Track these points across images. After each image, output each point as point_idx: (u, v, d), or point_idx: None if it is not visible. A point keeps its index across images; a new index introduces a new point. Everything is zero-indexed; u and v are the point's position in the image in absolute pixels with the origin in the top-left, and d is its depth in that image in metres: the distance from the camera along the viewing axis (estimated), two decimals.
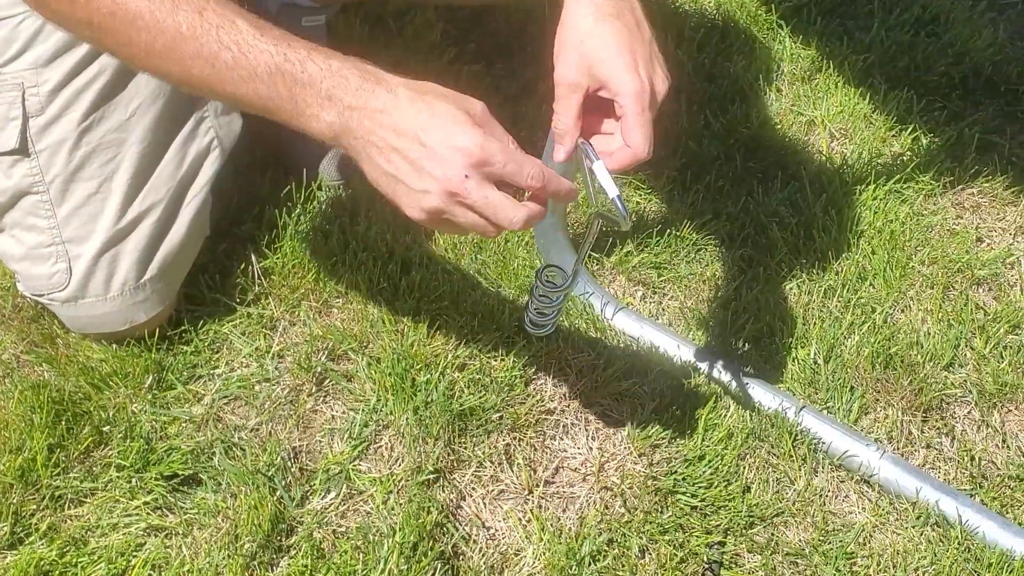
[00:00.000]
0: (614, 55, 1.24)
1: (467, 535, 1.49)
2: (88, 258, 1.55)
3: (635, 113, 1.23)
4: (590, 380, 1.67)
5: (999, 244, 2.02)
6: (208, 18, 1.17)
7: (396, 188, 1.16)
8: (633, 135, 1.23)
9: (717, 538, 1.52)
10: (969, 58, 2.38)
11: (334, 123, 1.16)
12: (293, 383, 1.64)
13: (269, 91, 1.17)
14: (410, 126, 1.14)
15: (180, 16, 1.16)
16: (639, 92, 1.23)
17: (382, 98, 1.15)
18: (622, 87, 1.23)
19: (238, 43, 1.16)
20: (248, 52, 1.16)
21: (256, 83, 1.16)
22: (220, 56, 1.16)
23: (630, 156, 1.24)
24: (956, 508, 1.57)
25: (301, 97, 1.16)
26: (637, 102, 1.23)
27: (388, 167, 1.15)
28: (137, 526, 1.46)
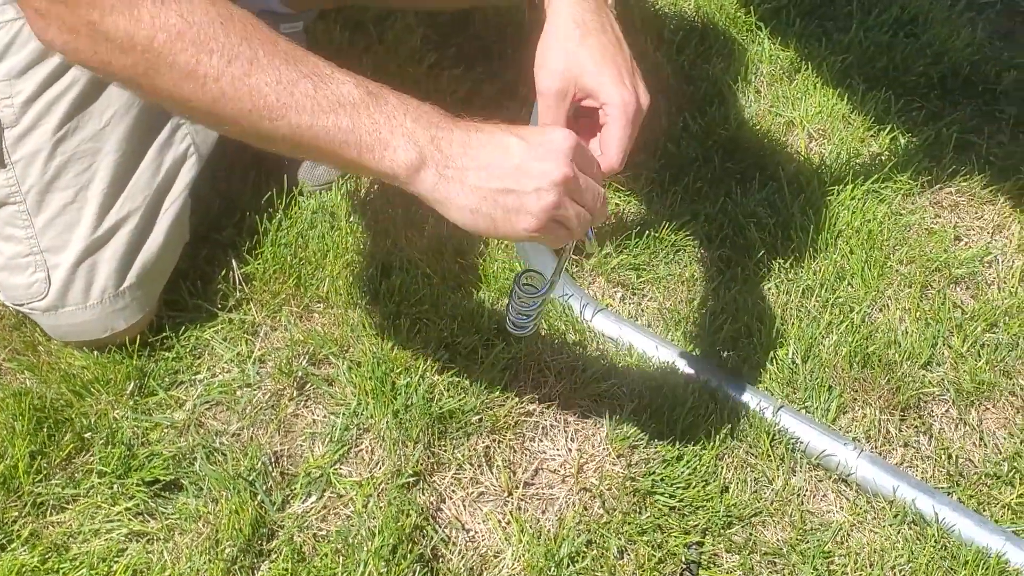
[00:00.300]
0: (602, 67, 1.25)
1: (447, 537, 1.50)
2: (66, 267, 1.56)
3: (620, 124, 1.24)
4: (569, 382, 1.68)
5: (977, 243, 2.03)
6: (282, 47, 1.11)
7: (505, 202, 1.13)
8: (611, 145, 1.24)
9: (695, 538, 1.53)
10: (947, 58, 2.39)
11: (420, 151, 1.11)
12: (274, 388, 1.65)
13: (351, 122, 1.10)
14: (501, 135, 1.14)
15: (256, 41, 1.09)
16: (627, 103, 1.24)
17: (463, 127, 1.14)
18: (611, 97, 1.24)
19: (317, 74, 1.11)
20: (329, 83, 1.10)
21: (337, 113, 1.10)
22: (299, 84, 1.09)
23: (603, 165, 1.24)
24: (933, 506, 1.58)
25: (386, 127, 1.11)
26: (624, 113, 1.24)
27: (490, 183, 1.12)
28: (119, 532, 1.46)
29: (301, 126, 1.10)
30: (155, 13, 1.06)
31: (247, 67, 1.08)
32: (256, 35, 1.09)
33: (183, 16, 1.06)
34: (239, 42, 1.08)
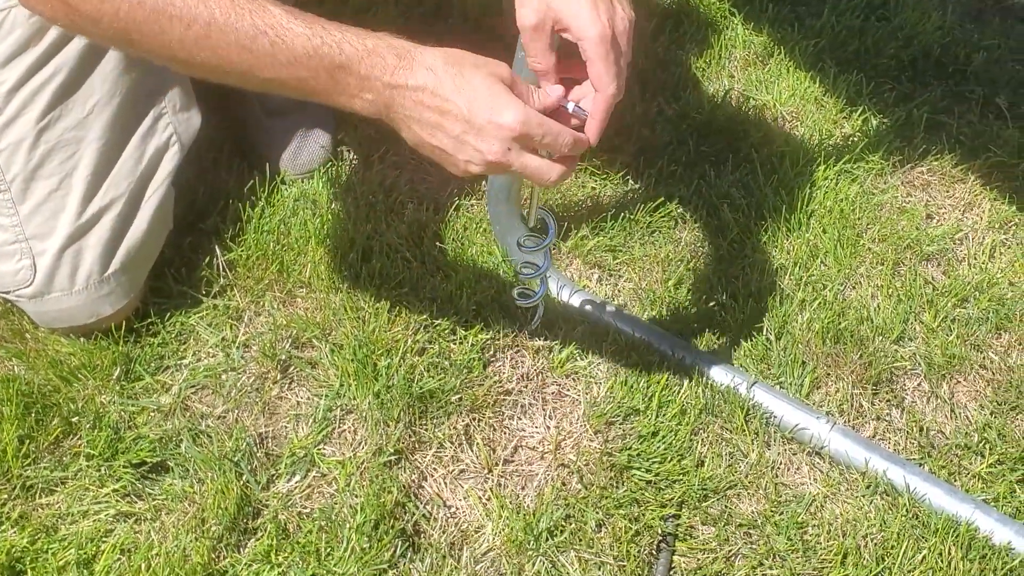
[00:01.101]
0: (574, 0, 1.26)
1: (428, 513, 1.54)
2: (52, 254, 1.58)
3: (599, 56, 1.26)
4: (547, 361, 1.71)
5: (948, 220, 2.07)
6: (240, 3, 1.18)
7: (440, 156, 1.24)
8: (601, 79, 1.27)
9: (671, 511, 1.56)
10: (918, 41, 2.42)
11: (376, 101, 1.22)
12: (259, 371, 1.67)
13: (310, 74, 1.19)
14: (452, 104, 1.20)
15: (212, 2, 1.17)
16: (601, 35, 1.25)
17: (420, 76, 1.20)
18: (584, 31, 1.26)
19: (273, 27, 1.18)
20: (285, 36, 1.18)
21: (296, 67, 1.19)
22: (258, 41, 1.18)
23: (603, 101, 1.28)
24: (904, 477, 1.61)
25: (341, 79, 1.20)
26: (600, 45, 1.26)
27: (432, 140, 1.23)
28: (106, 513, 1.49)
29: (265, 78, 1.21)
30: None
31: (205, 29, 1.17)
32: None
33: None
34: (196, 4, 1.16)
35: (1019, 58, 2.46)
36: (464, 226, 1.89)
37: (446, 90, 1.20)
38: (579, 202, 1.97)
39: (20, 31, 1.49)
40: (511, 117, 1.20)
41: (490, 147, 1.21)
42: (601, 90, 1.28)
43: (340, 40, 1.19)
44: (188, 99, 1.69)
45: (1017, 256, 2.00)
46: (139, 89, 1.61)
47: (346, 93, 1.21)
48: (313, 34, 1.18)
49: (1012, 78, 2.39)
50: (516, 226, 1.75)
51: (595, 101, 1.29)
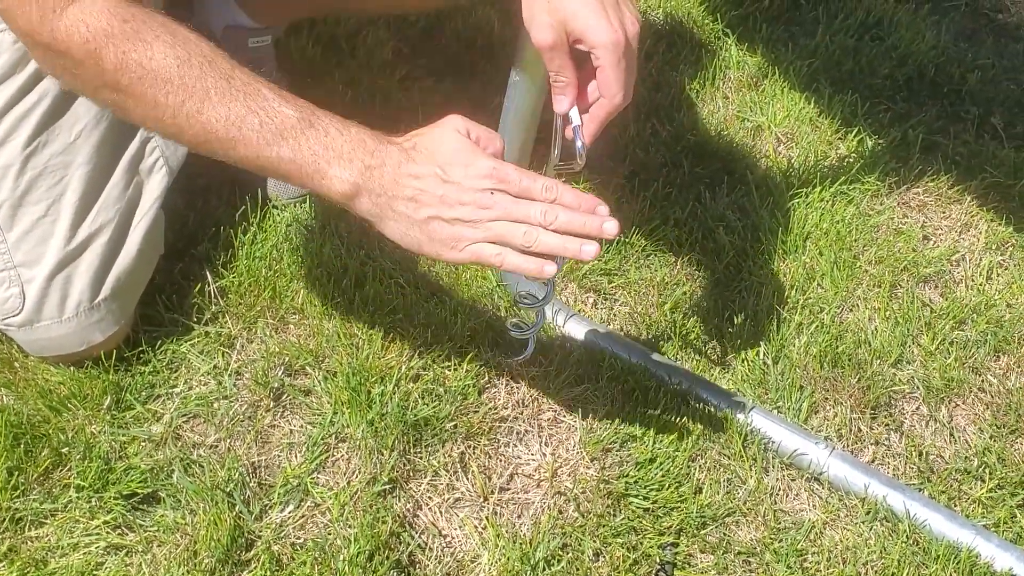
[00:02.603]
0: (584, 8, 1.27)
1: (423, 544, 1.52)
2: (41, 281, 1.56)
3: (611, 64, 1.27)
4: (542, 387, 1.70)
5: (944, 242, 2.06)
6: (236, 85, 1.25)
7: (429, 231, 1.26)
8: (611, 86, 1.29)
9: (670, 539, 1.55)
10: (912, 60, 2.42)
11: (355, 182, 1.25)
12: (251, 399, 1.66)
13: (293, 155, 1.25)
14: (428, 168, 1.25)
15: (209, 81, 1.23)
16: (614, 42, 1.26)
17: (395, 155, 1.26)
18: (597, 38, 1.26)
19: (265, 109, 1.24)
20: (275, 117, 1.24)
21: (280, 146, 1.24)
22: (247, 120, 1.24)
23: (607, 107, 1.31)
24: (904, 502, 1.60)
25: (324, 159, 1.25)
26: (613, 52, 1.27)
27: (417, 214, 1.25)
28: (97, 545, 1.47)
29: (249, 156, 1.26)
30: (117, 64, 1.23)
31: (199, 105, 1.24)
32: (212, 73, 1.24)
33: (142, 63, 1.23)
34: (193, 83, 1.23)
35: (1014, 77, 2.46)
36: None
37: (420, 160, 1.25)
38: None
39: (5, 56, 1.48)
40: (484, 164, 1.25)
41: (474, 196, 1.23)
42: (609, 97, 1.30)
43: (327, 125, 1.26)
44: None
45: (1015, 277, 1.99)
46: None
47: (327, 174, 1.25)
48: (302, 118, 1.26)
49: (1007, 98, 2.39)
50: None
51: (599, 105, 1.32)
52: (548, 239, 1.25)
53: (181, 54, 1.23)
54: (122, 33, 1.22)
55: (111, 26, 1.22)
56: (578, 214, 1.26)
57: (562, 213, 1.25)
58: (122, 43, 1.22)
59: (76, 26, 1.21)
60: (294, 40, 2.14)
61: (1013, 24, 2.65)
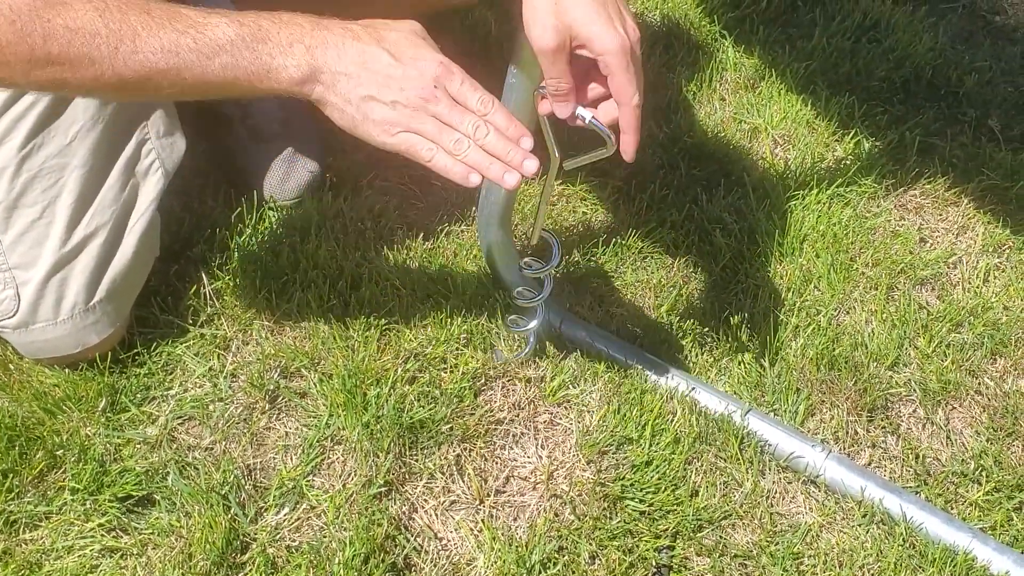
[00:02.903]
0: (591, 14, 1.26)
1: (419, 546, 1.51)
2: (36, 283, 1.56)
3: (622, 68, 1.27)
4: (538, 389, 1.69)
5: (941, 244, 2.05)
6: (156, 15, 1.24)
7: (367, 110, 1.26)
8: (625, 90, 1.29)
9: (666, 542, 1.55)
10: (909, 62, 2.42)
11: (301, 65, 1.25)
12: (246, 401, 1.65)
13: (234, 59, 1.24)
14: (375, 48, 1.25)
15: (132, 18, 1.22)
16: (622, 48, 1.26)
17: (338, 33, 1.26)
18: (605, 45, 1.26)
19: (193, 26, 1.24)
20: (204, 30, 1.23)
21: (221, 56, 1.24)
22: (181, 43, 1.23)
23: (631, 113, 1.31)
24: (900, 505, 1.60)
25: (265, 53, 1.24)
26: (622, 57, 1.27)
27: (358, 90, 1.25)
28: (92, 548, 1.47)
29: (195, 77, 1.25)
30: (45, 34, 1.21)
31: (132, 45, 1.23)
32: (131, 11, 1.24)
33: (68, 25, 1.21)
34: (119, 26, 1.22)
35: (1011, 80, 2.46)
36: (455, 253, 1.87)
37: (364, 38, 1.26)
38: (570, 227, 1.96)
39: None
40: (432, 55, 1.26)
41: (416, 84, 1.24)
42: (626, 102, 1.29)
43: (255, 19, 1.26)
44: (172, 124, 1.67)
45: (1012, 280, 1.99)
46: (121, 115, 1.59)
47: (271, 67, 1.25)
48: (230, 21, 1.25)
49: (1004, 100, 2.39)
50: (509, 251, 1.73)
51: (623, 115, 1.31)
52: (475, 155, 1.26)
53: (98, 3, 1.22)
54: (44, 3, 1.21)
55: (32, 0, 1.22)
56: (503, 140, 1.26)
57: (492, 133, 1.26)
58: (45, 11, 1.21)
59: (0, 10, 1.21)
60: None
61: (1010, 26, 2.65)
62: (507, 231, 1.70)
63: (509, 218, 1.70)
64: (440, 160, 1.26)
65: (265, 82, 1.26)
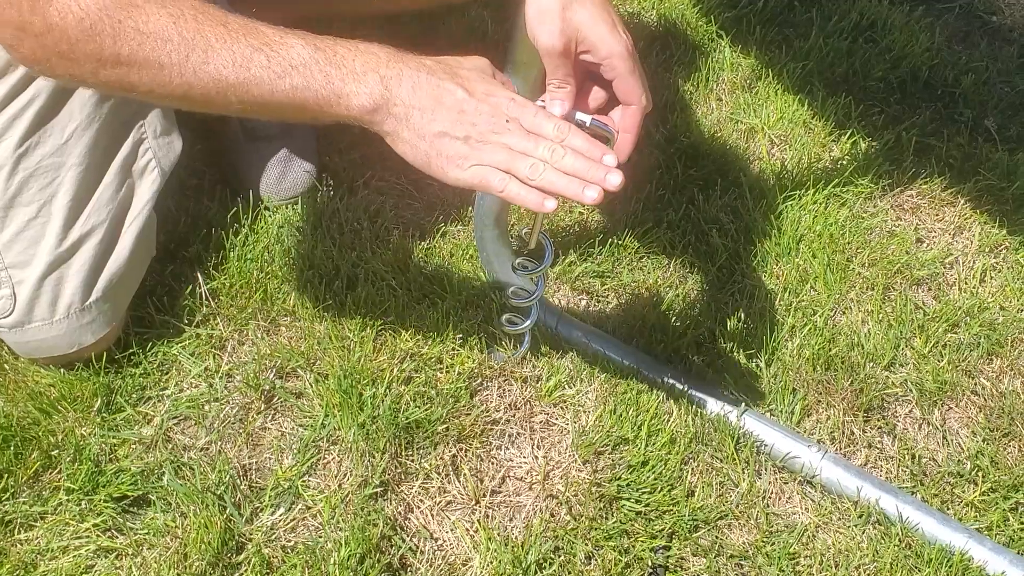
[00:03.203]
0: (597, 19, 1.28)
1: (415, 547, 1.51)
2: (32, 282, 1.56)
3: (628, 71, 1.30)
4: (534, 389, 1.69)
5: (938, 244, 2.05)
6: (233, 28, 1.22)
7: (440, 146, 1.24)
8: (634, 92, 1.31)
9: (662, 542, 1.54)
10: (906, 63, 2.42)
11: (373, 94, 1.23)
12: (242, 402, 1.65)
13: (306, 81, 1.22)
14: (449, 83, 1.24)
15: (207, 30, 1.21)
16: (628, 51, 1.29)
17: (414, 67, 1.24)
18: (612, 48, 1.29)
19: (268, 44, 1.22)
20: (279, 49, 1.22)
21: (292, 76, 1.22)
22: (254, 59, 1.22)
23: (636, 115, 1.33)
24: (896, 506, 1.60)
25: (338, 78, 1.22)
26: (629, 60, 1.29)
27: (432, 126, 1.24)
28: (87, 548, 1.46)
29: (264, 95, 1.23)
30: (115, 35, 1.20)
31: (203, 56, 1.21)
32: (207, 22, 1.22)
33: (139, 28, 1.20)
34: (192, 35, 1.21)
35: (1007, 80, 2.46)
36: (451, 253, 1.87)
37: (440, 75, 1.24)
38: (566, 227, 1.96)
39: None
40: (505, 91, 1.26)
41: (488, 118, 1.23)
42: (635, 102, 1.32)
43: (332, 44, 1.24)
44: (169, 124, 1.67)
45: (1008, 280, 1.99)
46: (118, 114, 1.59)
47: (344, 93, 1.23)
48: (306, 43, 1.23)
49: (1001, 100, 2.39)
50: (505, 251, 1.73)
51: (628, 116, 1.33)
52: (552, 176, 1.23)
53: (173, 11, 1.21)
54: (114, 3, 1.20)
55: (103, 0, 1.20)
56: (584, 159, 1.24)
57: (570, 154, 1.24)
58: (116, 12, 1.20)
59: (68, 6, 1.19)
60: None
61: (1007, 27, 2.65)
62: (503, 231, 1.70)
63: (505, 218, 1.70)
64: (512, 189, 1.24)
65: (335, 107, 1.24)
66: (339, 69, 1.22)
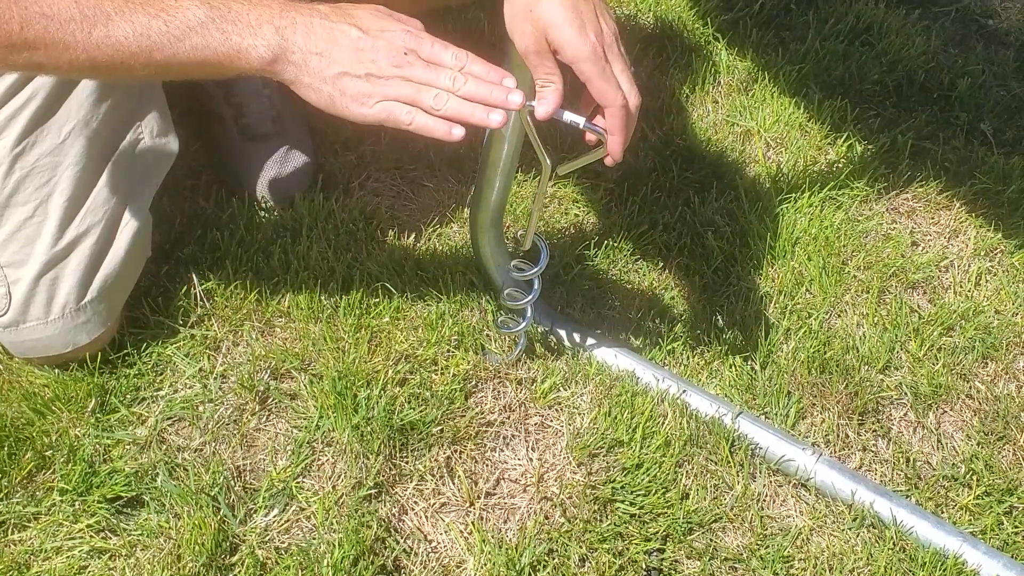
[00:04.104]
0: (562, 20, 1.27)
1: (408, 548, 1.51)
2: (27, 281, 1.55)
3: (596, 75, 1.28)
4: (529, 391, 1.69)
5: (933, 247, 2.05)
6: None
7: (342, 86, 1.26)
8: (605, 94, 1.29)
9: (656, 545, 1.54)
10: (902, 66, 2.42)
11: (271, 45, 1.25)
12: (237, 403, 1.65)
13: (205, 40, 1.25)
14: (343, 24, 1.25)
15: (106, 4, 1.24)
16: (593, 54, 1.27)
17: (306, 13, 1.26)
18: (576, 52, 1.27)
19: (164, 8, 1.24)
20: (176, 13, 1.24)
21: (191, 37, 1.24)
22: (152, 26, 1.24)
23: (616, 115, 1.30)
24: (891, 509, 1.60)
25: (235, 34, 1.25)
26: (595, 63, 1.27)
27: (331, 68, 1.25)
28: (80, 549, 1.46)
29: (166, 58, 1.26)
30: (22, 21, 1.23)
31: (105, 30, 1.24)
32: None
33: (44, 12, 1.23)
34: (93, 11, 1.24)
35: (1003, 84, 2.46)
36: (446, 254, 1.87)
37: (332, 18, 1.26)
38: (562, 229, 1.96)
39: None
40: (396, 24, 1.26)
41: (386, 53, 1.24)
42: (609, 104, 1.29)
43: (228, 1, 1.26)
44: (165, 125, 1.67)
45: (1003, 284, 1.99)
46: (115, 115, 1.59)
47: (242, 47, 1.25)
48: (201, 2, 1.25)
49: (996, 104, 2.39)
50: (501, 253, 1.73)
51: (609, 117, 1.31)
52: (456, 104, 1.24)
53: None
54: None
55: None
56: (485, 83, 1.25)
57: (471, 81, 1.25)
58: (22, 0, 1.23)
59: None
60: None
61: (1003, 30, 2.65)
62: (498, 233, 1.70)
63: (500, 220, 1.70)
64: (420, 120, 1.25)
65: (236, 62, 1.26)
66: (235, 25, 1.25)
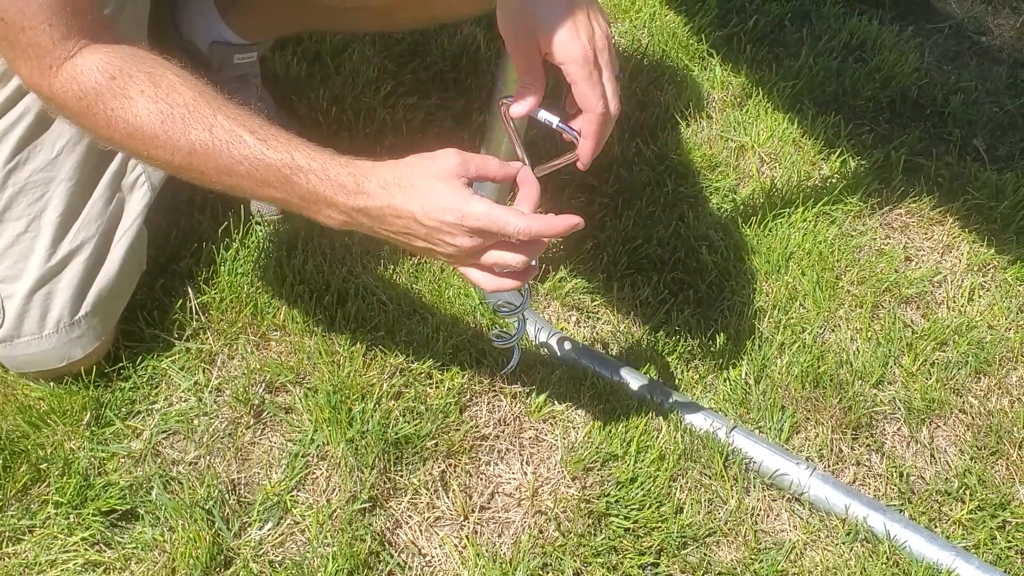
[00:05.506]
0: (554, 23, 1.27)
1: (403, 562, 1.51)
2: (21, 297, 1.55)
3: (583, 78, 1.27)
4: (524, 405, 1.70)
5: (926, 263, 2.06)
6: (218, 135, 1.26)
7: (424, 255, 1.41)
8: (588, 99, 1.28)
9: (650, 559, 1.55)
10: (896, 82, 2.43)
11: (342, 221, 1.28)
12: (231, 416, 1.65)
13: (284, 195, 1.28)
14: (408, 214, 1.24)
15: (192, 135, 1.25)
16: (583, 56, 1.26)
17: (376, 197, 1.25)
18: (566, 54, 1.26)
19: (248, 158, 1.26)
20: (258, 166, 1.26)
21: (270, 189, 1.28)
22: (234, 169, 1.26)
23: (593, 121, 1.30)
24: (884, 523, 1.60)
25: (311, 202, 1.28)
26: (583, 67, 1.26)
27: (411, 247, 1.28)
28: (75, 562, 1.46)
29: (245, 193, 1.31)
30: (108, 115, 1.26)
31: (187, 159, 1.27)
32: (194, 125, 1.26)
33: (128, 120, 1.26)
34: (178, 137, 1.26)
35: (996, 100, 2.47)
36: (440, 268, 1.87)
37: (400, 203, 1.24)
38: (557, 243, 1.96)
39: None
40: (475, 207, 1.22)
41: (457, 240, 1.24)
42: (589, 110, 1.29)
43: (307, 171, 1.25)
44: None
45: (996, 299, 2.00)
46: None
47: (316, 214, 1.29)
48: (283, 164, 1.25)
49: (989, 120, 2.40)
50: None
51: (586, 122, 1.30)
52: None
53: (163, 108, 1.25)
54: (109, 91, 1.25)
55: (99, 84, 1.25)
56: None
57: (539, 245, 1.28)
58: (110, 101, 1.25)
59: (70, 84, 1.24)
60: (279, 56, 2.13)
61: (996, 47, 2.66)
62: None
63: None
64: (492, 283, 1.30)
65: (308, 216, 1.30)
66: (312, 193, 1.27)
